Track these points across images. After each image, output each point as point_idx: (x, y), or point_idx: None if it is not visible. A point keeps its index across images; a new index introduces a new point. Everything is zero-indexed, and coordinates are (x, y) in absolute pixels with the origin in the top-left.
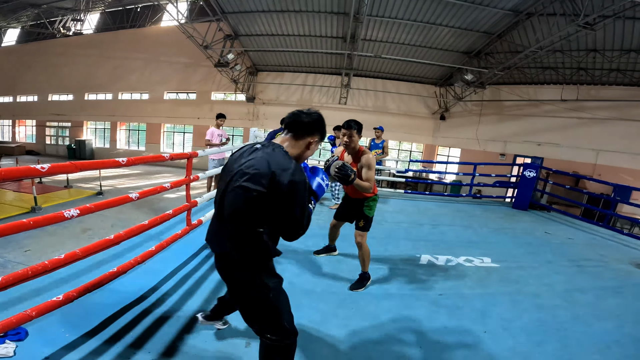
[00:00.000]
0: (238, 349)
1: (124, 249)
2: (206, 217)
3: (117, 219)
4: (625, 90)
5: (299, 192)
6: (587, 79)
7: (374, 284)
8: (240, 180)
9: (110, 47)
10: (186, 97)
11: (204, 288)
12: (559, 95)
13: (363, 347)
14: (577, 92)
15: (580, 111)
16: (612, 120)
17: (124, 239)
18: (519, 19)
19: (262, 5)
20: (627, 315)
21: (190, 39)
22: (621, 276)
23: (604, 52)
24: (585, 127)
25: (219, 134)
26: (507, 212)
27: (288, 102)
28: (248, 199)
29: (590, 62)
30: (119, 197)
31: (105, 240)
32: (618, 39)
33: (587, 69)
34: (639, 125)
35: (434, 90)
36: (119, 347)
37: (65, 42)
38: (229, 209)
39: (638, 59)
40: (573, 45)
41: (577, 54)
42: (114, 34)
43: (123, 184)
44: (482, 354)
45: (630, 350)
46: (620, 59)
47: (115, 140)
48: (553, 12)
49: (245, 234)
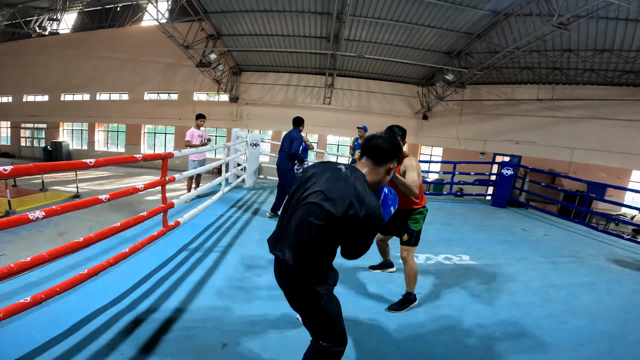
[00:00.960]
0: (214, 351)
1: (98, 251)
2: (184, 219)
3: (96, 222)
4: (599, 90)
5: (372, 225)
6: (562, 79)
7: (353, 284)
8: (317, 199)
9: (88, 47)
10: (167, 98)
11: (181, 290)
12: (536, 94)
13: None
14: (553, 92)
15: (556, 110)
16: (586, 119)
17: (94, 241)
18: (497, 19)
19: (246, 5)
20: (601, 312)
21: (171, 39)
22: (595, 272)
23: (578, 52)
24: (561, 126)
25: (199, 135)
26: (486, 210)
27: (272, 103)
28: (319, 217)
29: (565, 62)
30: (88, 199)
31: (74, 242)
32: (592, 39)
33: (562, 68)
34: (612, 124)
35: (416, 90)
36: (90, 350)
37: (41, 42)
38: (298, 221)
39: (611, 58)
40: (548, 46)
41: (552, 54)
42: (92, 34)
43: (102, 186)
44: (459, 352)
45: (603, 347)
46: (594, 58)
47: (93, 141)
48: (530, 13)
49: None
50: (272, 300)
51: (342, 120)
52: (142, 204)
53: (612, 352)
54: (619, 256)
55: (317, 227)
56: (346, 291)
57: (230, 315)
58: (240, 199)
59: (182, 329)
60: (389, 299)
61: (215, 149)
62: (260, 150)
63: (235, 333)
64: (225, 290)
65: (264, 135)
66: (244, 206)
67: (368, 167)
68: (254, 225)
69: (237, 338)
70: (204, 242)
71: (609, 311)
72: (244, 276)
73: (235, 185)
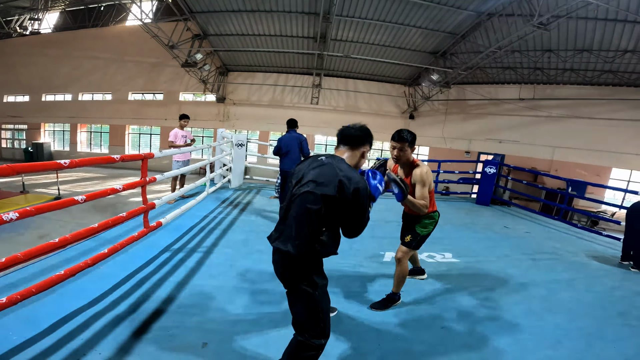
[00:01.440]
0: (194, 350)
1: (77, 253)
2: (167, 220)
3: (77, 225)
4: (578, 89)
5: (362, 198)
6: (543, 79)
7: (336, 283)
8: (310, 187)
9: (71, 47)
10: (153, 98)
11: (162, 290)
12: (518, 94)
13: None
14: (534, 92)
15: (537, 110)
16: (567, 118)
17: (70, 242)
18: (480, 19)
19: (232, 5)
20: (579, 309)
21: (155, 39)
22: (574, 268)
23: (558, 52)
24: (542, 125)
25: (183, 135)
26: (470, 208)
27: (260, 103)
28: (315, 199)
29: (545, 62)
30: (63, 200)
31: (50, 243)
32: (571, 39)
33: (543, 68)
34: (591, 123)
35: (403, 90)
36: (68, 349)
37: (22, 42)
38: (296, 212)
39: (590, 58)
40: (530, 46)
41: (533, 54)
42: (74, 33)
43: (84, 188)
44: (438, 349)
45: (580, 345)
46: (574, 58)
47: (75, 142)
48: (512, 13)
49: (308, 234)
50: (255, 300)
51: (330, 120)
52: (126, 205)
53: (589, 349)
54: (597, 252)
55: (315, 212)
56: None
57: (212, 315)
58: (225, 200)
59: (162, 328)
60: (371, 298)
61: (198, 149)
62: (246, 151)
63: (216, 332)
64: (207, 290)
65: (253, 135)
66: (230, 207)
67: (346, 152)
68: (239, 225)
69: (218, 337)
70: (187, 243)
71: (587, 308)
72: (227, 277)
73: (221, 186)
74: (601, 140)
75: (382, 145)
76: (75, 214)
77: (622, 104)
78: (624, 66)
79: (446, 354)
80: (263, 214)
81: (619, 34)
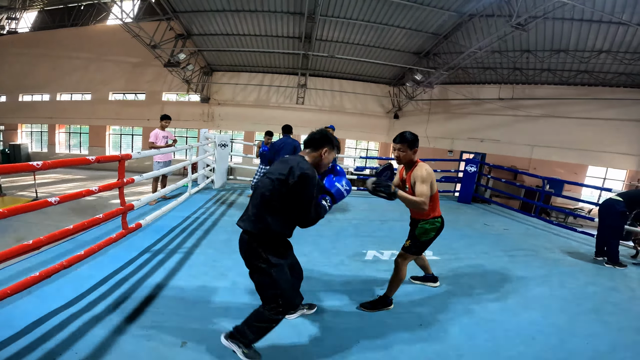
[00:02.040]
0: (173, 349)
1: (53, 255)
2: (146, 221)
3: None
4: (556, 89)
5: (308, 185)
6: (522, 79)
7: (317, 281)
8: (267, 176)
9: (49, 46)
10: (134, 98)
11: (141, 291)
12: (498, 94)
13: (302, 343)
14: (513, 91)
15: (516, 109)
16: (545, 117)
17: (44, 243)
18: (462, 20)
19: (217, 5)
20: (553, 304)
21: (136, 39)
22: (549, 264)
23: (536, 52)
24: (521, 124)
25: (164, 136)
26: (452, 206)
27: (245, 103)
28: (271, 183)
29: (524, 63)
30: (36, 202)
31: (23, 245)
32: (548, 39)
33: (522, 69)
34: (568, 122)
35: (387, 90)
36: (44, 349)
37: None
38: (256, 198)
39: (567, 59)
40: (509, 46)
41: (512, 54)
42: (52, 33)
43: (63, 190)
44: (416, 347)
45: (553, 340)
46: (551, 59)
47: (54, 143)
48: (492, 14)
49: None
50: (235, 299)
51: (315, 120)
52: (106, 207)
53: (562, 345)
54: (572, 249)
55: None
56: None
57: (191, 315)
58: (208, 200)
59: (141, 328)
60: (352, 297)
61: (180, 149)
62: (230, 151)
63: (196, 332)
64: (187, 290)
65: (238, 135)
66: (212, 207)
67: (307, 153)
68: (221, 225)
69: (197, 336)
70: (168, 244)
71: (561, 302)
72: (208, 277)
73: (204, 187)
74: (577, 139)
75: (367, 145)
76: (54, 217)
77: (597, 104)
78: (599, 66)
79: (423, 351)
80: None
81: (594, 34)
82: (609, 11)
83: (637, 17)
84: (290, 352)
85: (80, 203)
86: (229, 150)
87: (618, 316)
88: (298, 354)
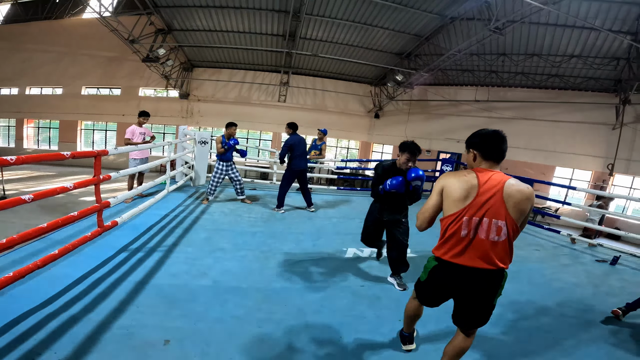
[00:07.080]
0: (156, 347)
1: (26, 254)
2: (123, 219)
3: (25, 226)
4: (528, 92)
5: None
6: (497, 81)
7: (299, 277)
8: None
9: (19, 39)
10: (109, 93)
11: (120, 290)
12: (474, 96)
13: (285, 338)
14: (488, 94)
15: (491, 111)
16: (516, 119)
17: (17, 242)
18: (444, 22)
19: (200, 1)
20: (521, 301)
21: (114, 33)
22: (517, 261)
23: (511, 56)
24: (495, 126)
25: (141, 133)
26: None
27: (225, 100)
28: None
29: (500, 66)
30: (9, 200)
31: None
32: (524, 43)
33: (498, 71)
34: (538, 124)
35: (369, 90)
36: (21, 350)
37: None
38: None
39: (540, 62)
40: (487, 49)
41: (489, 57)
42: (24, 26)
43: (33, 187)
44: (396, 342)
45: (523, 336)
46: (525, 62)
47: (21, 138)
48: (472, 17)
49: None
50: (217, 297)
51: (297, 118)
52: (78, 205)
53: (529, 342)
54: (540, 246)
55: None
56: (292, 280)
57: (173, 313)
58: (187, 198)
59: (122, 327)
60: (331, 292)
61: (157, 146)
62: (210, 149)
63: (179, 330)
64: (167, 289)
65: (218, 132)
66: (192, 205)
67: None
68: (201, 224)
69: (180, 334)
70: (146, 243)
71: (529, 298)
72: (189, 275)
73: (182, 184)
74: (546, 141)
75: (348, 144)
76: (23, 215)
77: (565, 107)
78: (569, 70)
79: (399, 348)
80: (226, 212)
81: (566, 39)
82: (583, 17)
83: (609, 22)
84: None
85: (50, 201)
86: (209, 147)
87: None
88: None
